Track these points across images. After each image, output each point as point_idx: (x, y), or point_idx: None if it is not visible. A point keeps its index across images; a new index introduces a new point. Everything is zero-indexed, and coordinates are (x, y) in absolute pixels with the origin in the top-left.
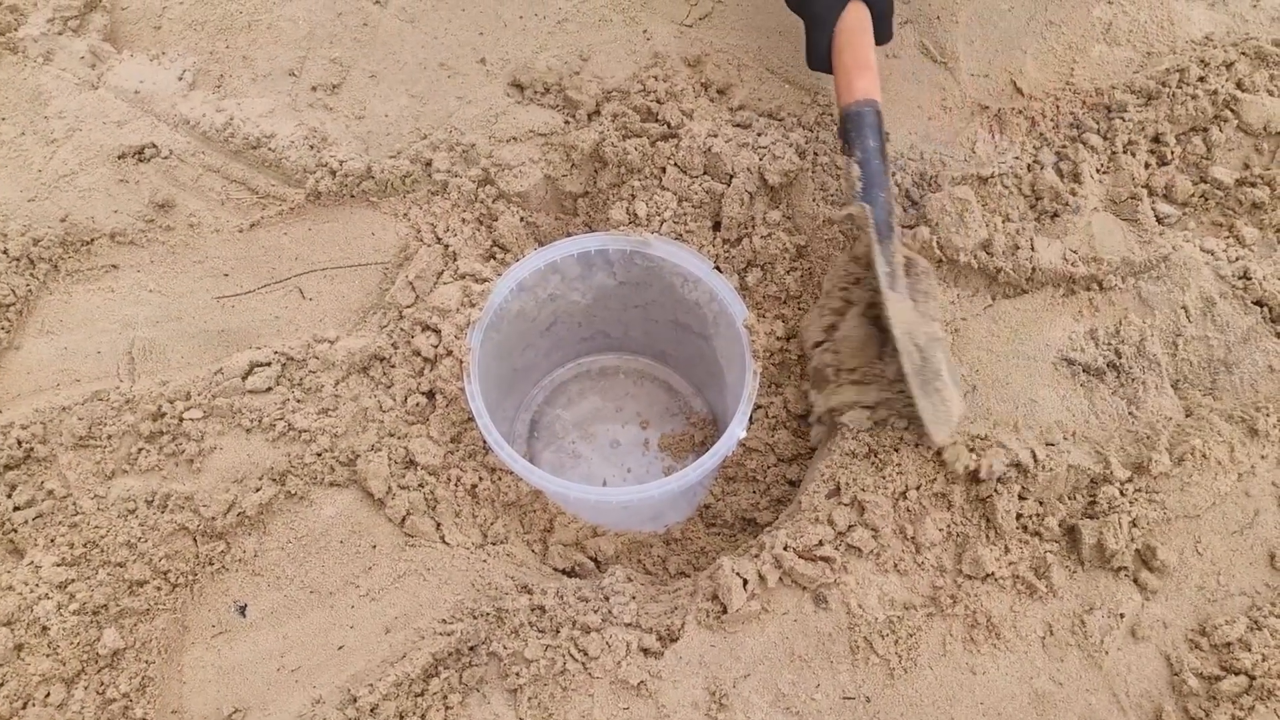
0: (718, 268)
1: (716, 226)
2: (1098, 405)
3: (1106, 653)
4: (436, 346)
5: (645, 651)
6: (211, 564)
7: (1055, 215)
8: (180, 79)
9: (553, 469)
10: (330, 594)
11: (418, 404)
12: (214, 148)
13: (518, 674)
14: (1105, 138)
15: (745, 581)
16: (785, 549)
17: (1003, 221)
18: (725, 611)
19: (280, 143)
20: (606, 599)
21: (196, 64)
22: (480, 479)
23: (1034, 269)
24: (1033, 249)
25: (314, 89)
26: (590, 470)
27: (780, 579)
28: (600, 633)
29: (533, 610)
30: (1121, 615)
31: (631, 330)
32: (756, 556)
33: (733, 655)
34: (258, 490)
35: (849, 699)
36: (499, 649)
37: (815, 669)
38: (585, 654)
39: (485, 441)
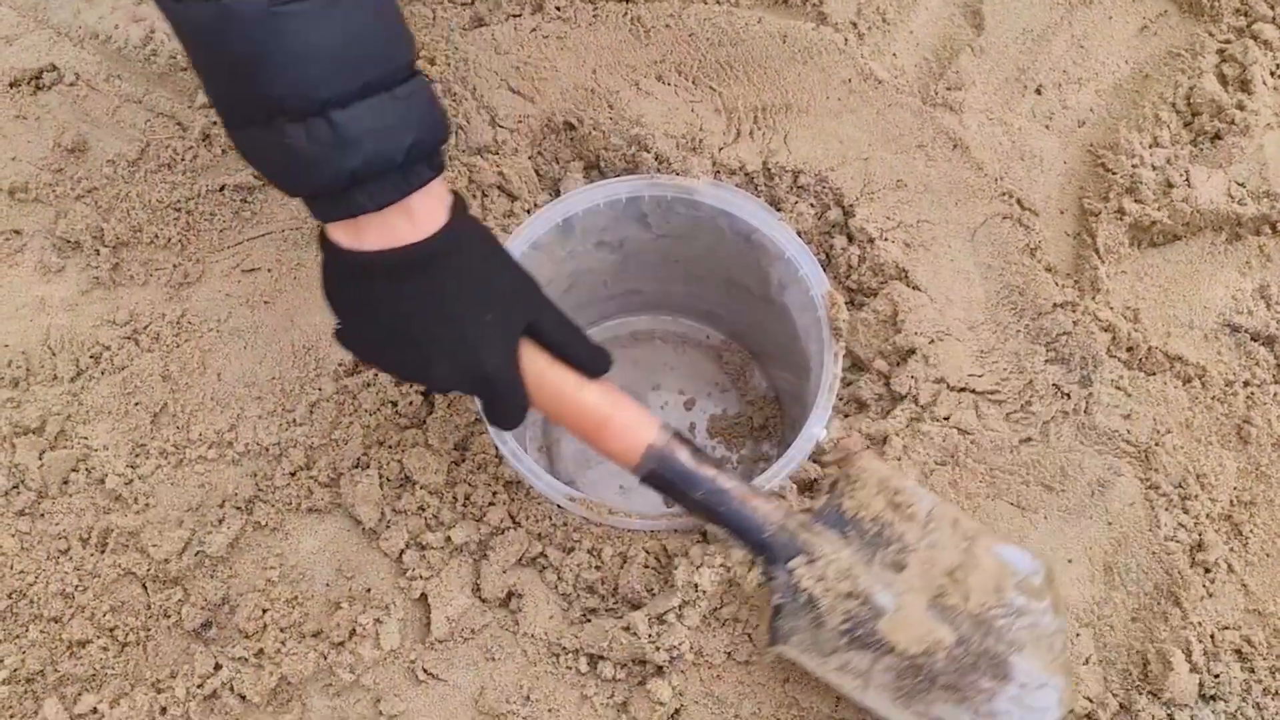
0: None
1: None
2: None
3: None
4: None
5: None
6: (167, 616)
7: (1217, 137)
8: None
9: (575, 466)
10: None
11: (411, 404)
12: (133, 70)
13: None
14: None
15: None
16: None
17: (1150, 148)
18: None
19: None
20: None
21: None
22: (494, 497)
23: (1191, 210)
24: (1189, 183)
25: None
26: None
27: None
28: None
29: None
30: None
31: (671, 287)
32: None
33: None
34: (220, 522)
35: None
36: None
37: None
38: None
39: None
